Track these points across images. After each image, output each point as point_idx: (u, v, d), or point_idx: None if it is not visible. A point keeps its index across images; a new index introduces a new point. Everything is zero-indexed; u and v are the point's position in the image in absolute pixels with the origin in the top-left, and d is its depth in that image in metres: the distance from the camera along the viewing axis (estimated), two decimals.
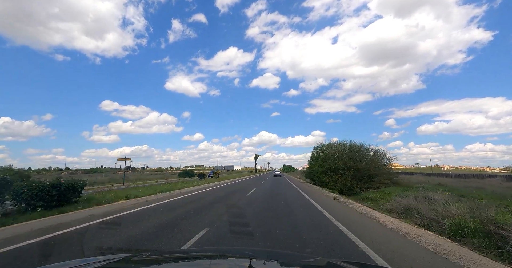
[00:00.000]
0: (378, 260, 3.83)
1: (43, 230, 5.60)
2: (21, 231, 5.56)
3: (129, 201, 10.52)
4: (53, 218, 6.87)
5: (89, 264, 1.31)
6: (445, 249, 4.35)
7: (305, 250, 4.21)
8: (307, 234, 5.26)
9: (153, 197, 12.36)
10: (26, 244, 4.62)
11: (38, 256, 4.16)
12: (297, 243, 4.62)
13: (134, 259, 1.55)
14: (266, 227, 5.84)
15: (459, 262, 3.79)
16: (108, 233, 5.35)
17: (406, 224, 6.51)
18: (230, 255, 1.82)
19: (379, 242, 4.81)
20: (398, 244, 4.71)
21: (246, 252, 1.81)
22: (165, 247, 4.36)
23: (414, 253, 4.20)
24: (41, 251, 4.41)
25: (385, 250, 4.28)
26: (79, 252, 4.10)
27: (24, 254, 4.17)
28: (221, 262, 1.58)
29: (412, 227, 6.09)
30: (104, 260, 1.41)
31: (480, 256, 4.12)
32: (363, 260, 3.76)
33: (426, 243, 4.75)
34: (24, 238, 5.00)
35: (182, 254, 2.11)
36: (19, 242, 4.70)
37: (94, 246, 4.47)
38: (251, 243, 4.69)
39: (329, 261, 1.58)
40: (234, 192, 16.14)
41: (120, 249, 4.26)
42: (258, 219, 6.87)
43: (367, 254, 4.09)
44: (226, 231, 5.50)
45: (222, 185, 22.50)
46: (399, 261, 3.79)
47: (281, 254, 2.32)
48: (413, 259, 3.88)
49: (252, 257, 1.61)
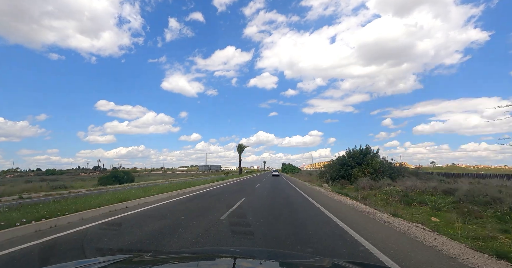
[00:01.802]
0: None
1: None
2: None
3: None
4: None
5: (90, 265, 1.32)
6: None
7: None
8: None
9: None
10: None
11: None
12: None
13: (135, 259, 1.56)
14: None
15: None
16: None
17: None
18: (230, 255, 1.81)
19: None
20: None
21: (247, 252, 1.98)
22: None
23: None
24: None
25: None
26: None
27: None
28: (222, 262, 1.57)
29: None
30: (105, 261, 1.42)
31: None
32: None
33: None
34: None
35: (183, 254, 2.10)
36: None
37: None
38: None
39: (330, 261, 1.59)
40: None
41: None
42: None
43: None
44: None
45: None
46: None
47: (282, 254, 2.40)
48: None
49: (253, 257, 1.68)
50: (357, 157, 20.29)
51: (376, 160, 19.84)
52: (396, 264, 3.54)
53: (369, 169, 19.01)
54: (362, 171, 19.12)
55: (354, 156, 20.50)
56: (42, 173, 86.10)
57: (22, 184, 25.35)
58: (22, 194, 17.53)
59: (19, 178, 56.16)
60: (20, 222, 5.60)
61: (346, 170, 20.22)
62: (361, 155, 20.39)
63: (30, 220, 5.76)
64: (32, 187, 21.40)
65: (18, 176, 72.96)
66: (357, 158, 20.23)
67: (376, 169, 19.00)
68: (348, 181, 19.89)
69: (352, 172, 19.71)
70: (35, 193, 17.14)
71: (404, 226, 5.89)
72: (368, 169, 19.07)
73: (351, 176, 19.73)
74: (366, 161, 19.75)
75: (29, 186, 24.85)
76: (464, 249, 4.24)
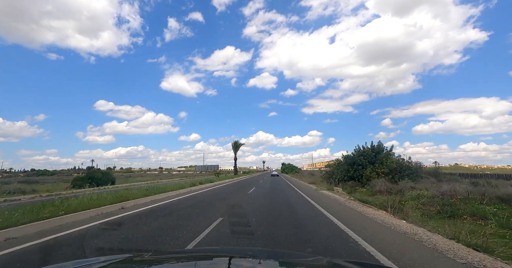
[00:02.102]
0: None
1: None
2: None
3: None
4: None
5: (90, 265, 1.31)
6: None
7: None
8: None
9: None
10: None
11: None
12: None
13: (135, 259, 1.55)
14: None
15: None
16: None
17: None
18: (230, 255, 1.77)
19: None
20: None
21: (246, 252, 1.90)
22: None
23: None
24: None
25: None
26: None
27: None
28: (222, 262, 1.57)
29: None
30: (105, 261, 1.41)
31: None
32: None
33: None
34: None
35: (183, 254, 2.07)
36: None
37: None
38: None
39: (329, 261, 1.59)
40: None
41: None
42: None
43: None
44: None
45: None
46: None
47: (281, 254, 2.37)
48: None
49: (252, 256, 1.65)
50: (368, 155, 17.59)
51: (391, 159, 17.15)
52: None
53: (383, 169, 16.30)
54: (375, 171, 16.41)
55: (365, 154, 17.79)
56: (32, 174, 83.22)
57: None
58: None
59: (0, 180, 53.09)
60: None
61: (356, 170, 17.52)
62: (373, 153, 17.71)
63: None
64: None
65: (7, 176, 69.96)
66: (369, 157, 17.52)
67: (392, 169, 16.30)
68: (359, 182, 17.18)
69: (363, 172, 17.00)
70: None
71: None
72: (382, 168, 16.37)
73: (362, 177, 17.04)
74: (380, 160, 17.06)
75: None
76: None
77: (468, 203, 8.25)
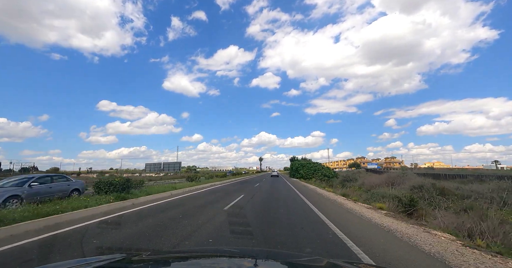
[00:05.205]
0: None
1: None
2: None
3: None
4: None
5: (89, 264, 1.31)
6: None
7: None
8: None
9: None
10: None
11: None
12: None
13: (134, 258, 1.54)
14: None
15: None
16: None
17: None
18: (229, 254, 1.79)
19: None
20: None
21: (246, 252, 1.99)
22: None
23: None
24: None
25: None
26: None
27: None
28: (221, 262, 1.54)
29: None
30: (104, 260, 1.41)
31: None
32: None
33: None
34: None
35: (182, 253, 2.06)
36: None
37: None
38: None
39: (328, 261, 1.58)
40: None
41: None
42: None
43: None
44: None
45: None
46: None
47: (280, 254, 2.45)
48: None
49: (251, 256, 1.64)
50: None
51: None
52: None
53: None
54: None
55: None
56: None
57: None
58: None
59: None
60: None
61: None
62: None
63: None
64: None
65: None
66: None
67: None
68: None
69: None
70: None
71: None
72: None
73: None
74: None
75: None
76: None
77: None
